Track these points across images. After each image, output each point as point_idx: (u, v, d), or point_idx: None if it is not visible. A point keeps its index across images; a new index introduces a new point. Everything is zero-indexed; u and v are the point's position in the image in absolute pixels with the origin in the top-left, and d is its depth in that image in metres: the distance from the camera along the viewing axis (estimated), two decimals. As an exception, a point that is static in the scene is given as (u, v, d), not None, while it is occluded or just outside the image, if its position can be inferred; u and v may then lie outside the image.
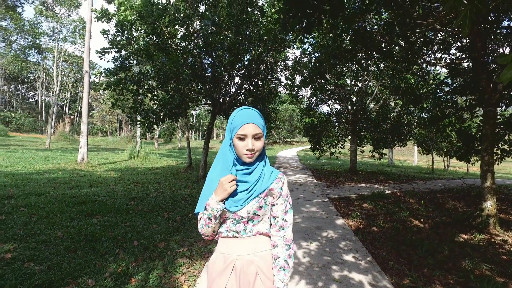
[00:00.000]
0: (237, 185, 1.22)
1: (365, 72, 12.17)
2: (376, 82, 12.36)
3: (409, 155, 36.26)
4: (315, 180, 10.07)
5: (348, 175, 11.88)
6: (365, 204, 6.40)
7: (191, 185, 8.00)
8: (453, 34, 6.25)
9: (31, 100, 53.39)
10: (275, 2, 8.50)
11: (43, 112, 46.14)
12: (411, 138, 14.34)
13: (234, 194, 1.22)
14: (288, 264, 1.26)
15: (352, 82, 13.24)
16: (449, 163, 19.57)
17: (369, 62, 10.51)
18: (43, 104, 46.64)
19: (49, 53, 30.24)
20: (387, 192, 7.83)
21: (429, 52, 7.90)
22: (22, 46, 21.89)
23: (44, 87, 45.10)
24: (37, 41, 21.28)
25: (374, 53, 6.99)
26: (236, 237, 1.26)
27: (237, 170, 1.24)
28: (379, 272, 3.08)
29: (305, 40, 10.30)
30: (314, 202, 6.49)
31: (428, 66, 8.40)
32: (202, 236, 1.29)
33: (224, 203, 1.21)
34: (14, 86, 49.93)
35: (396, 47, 8.14)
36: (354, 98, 13.34)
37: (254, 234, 1.27)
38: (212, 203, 1.19)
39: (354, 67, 12.02)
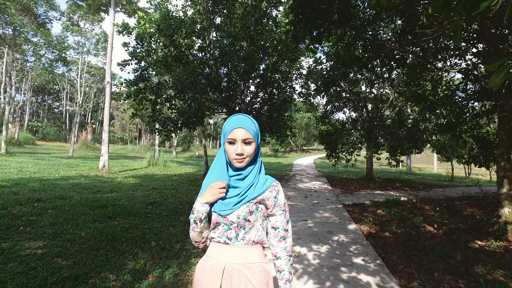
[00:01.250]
0: (228, 190, 1.23)
1: (380, 79, 12.12)
2: (392, 89, 12.28)
3: (429, 163, 35.35)
4: (330, 187, 10.06)
5: (364, 182, 11.77)
6: (379, 210, 6.37)
7: (207, 191, 8.18)
8: (467, 40, 6.23)
9: (56, 110, 55.88)
10: (288, 13, 8.72)
11: (67, 122, 48.22)
12: (427, 145, 14.07)
13: (224, 197, 1.22)
14: (291, 274, 1.30)
15: (367, 89, 13.20)
16: (470, 170, 18.92)
17: (383, 69, 10.49)
18: (67, 114, 48.82)
19: (73, 65, 31.85)
20: (402, 199, 7.74)
21: (445, 58, 7.85)
22: (50, 60, 23.13)
23: (68, 97, 47.37)
24: (63, 54, 22.45)
25: (387, 60, 7.03)
26: (227, 243, 1.24)
27: (230, 176, 1.25)
28: (387, 275, 3.13)
29: (318, 49, 10.43)
30: (327, 208, 6.54)
31: (441, 72, 8.32)
32: (192, 242, 1.29)
33: (211, 207, 1.22)
34: (41, 97, 52.58)
35: (410, 55, 8.14)
36: (370, 105, 13.27)
37: (247, 242, 1.24)
38: (197, 205, 1.21)
39: (368, 75, 11.99)
